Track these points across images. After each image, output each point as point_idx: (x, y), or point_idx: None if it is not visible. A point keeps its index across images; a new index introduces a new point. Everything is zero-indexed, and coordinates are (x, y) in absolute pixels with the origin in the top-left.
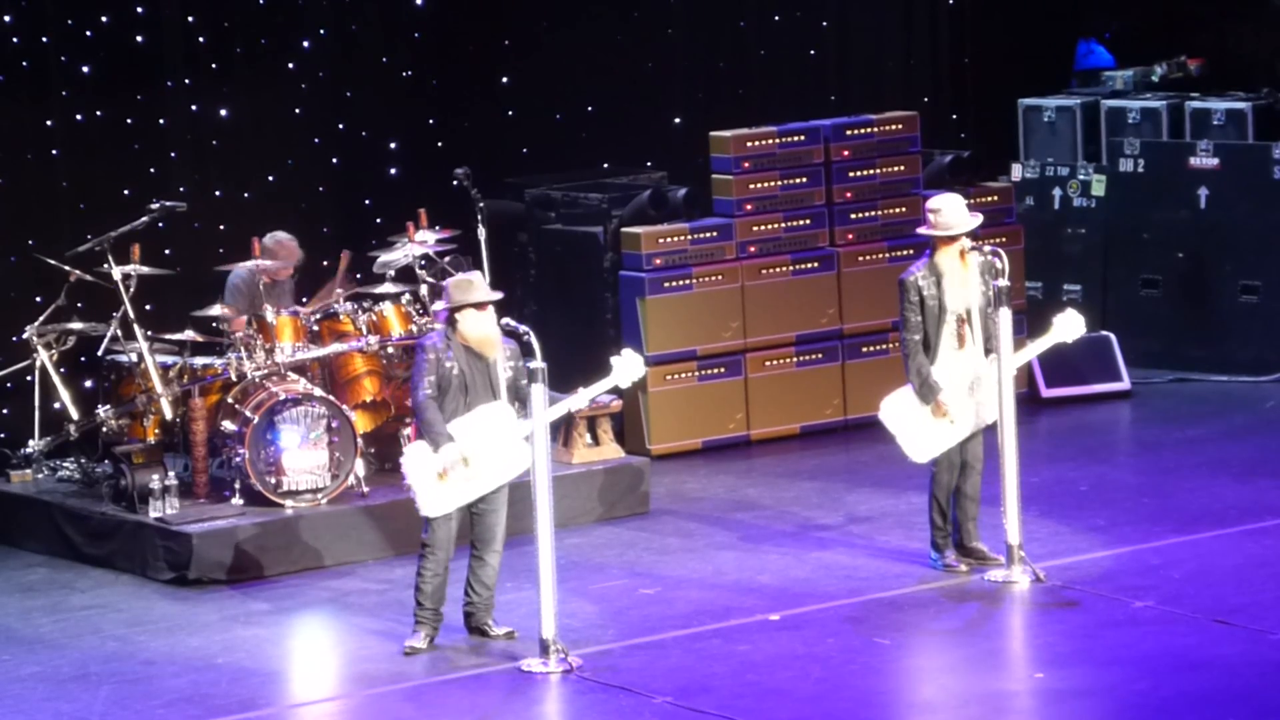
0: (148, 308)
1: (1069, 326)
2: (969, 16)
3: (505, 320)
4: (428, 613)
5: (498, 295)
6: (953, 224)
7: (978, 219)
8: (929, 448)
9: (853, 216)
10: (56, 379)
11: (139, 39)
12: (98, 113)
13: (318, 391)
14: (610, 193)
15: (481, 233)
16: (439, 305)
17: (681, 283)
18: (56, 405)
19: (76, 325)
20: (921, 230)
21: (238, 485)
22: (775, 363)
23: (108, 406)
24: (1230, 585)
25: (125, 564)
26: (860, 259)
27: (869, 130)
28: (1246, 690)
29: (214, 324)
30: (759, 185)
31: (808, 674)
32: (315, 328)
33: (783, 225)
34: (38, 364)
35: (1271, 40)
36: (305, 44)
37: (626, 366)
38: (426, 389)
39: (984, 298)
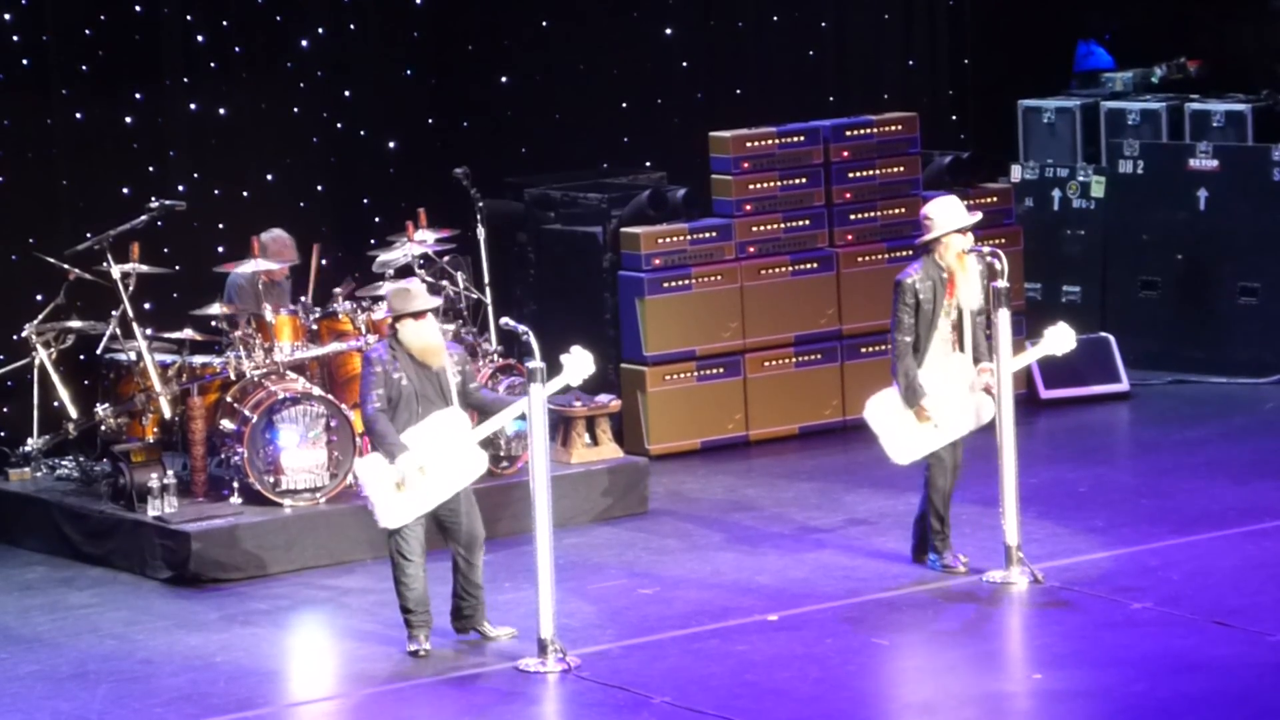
0: (147, 306)
1: (1059, 340)
2: (969, 17)
3: (504, 320)
4: (420, 616)
5: (436, 302)
6: (948, 222)
7: (976, 216)
8: (911, 450)
9: (852, 217)
10: (55, 377)
11: (138, 38)
12: (97, 111)
13: (316, 390)
14: (610, 193)
15: (481, 232)
16: (380, 314)
17: (680, 283)
18: (55, 404)
19: (75, 324)
20: (920, 241)
21: (236, 484)
22: (774, 363)
23: (106, 405)
24: (1228, 587)
25: (124, 562)
26: (859, 260)
27: (868, 131)
28: (1244, 691)
29: (213, 323)
30: (758, 186)
31: (806, 674)
32: (314, 327)
33: (782, 226)
34: (37, 362)
35: (1271, 42)
36: (304, 43)
37: (576, 364)
38: (375, 402)
39: (980, 303)
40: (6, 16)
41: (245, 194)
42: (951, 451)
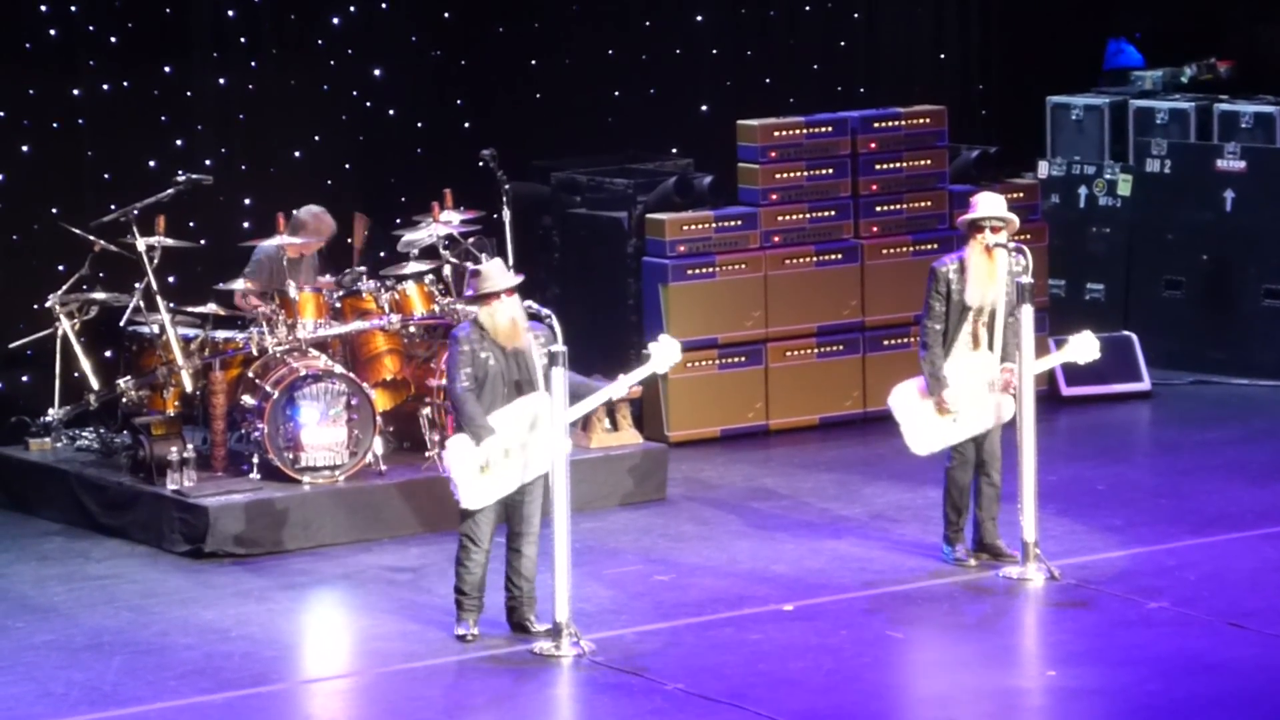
0: (170, 280)
1: (1083, 349)
2: (999, 12)
3: (528, 303)
4: (472, 600)
5: (510, 283)
6: (981, 211)
7: (1013, 219)
8: (931, 441)
9: (878, 209)
10: (78, 348)
11: (167, 10)
12: (124, 83)
13: (338, 368)
14: (636, 178)
15: (506, 215)
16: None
17: (704, 270)
18: (77, 375)
19: (99, 295)
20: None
21: (256, 460)
22: (796, 353)
23: (128, 377)
24: (1245, 588)
25: (141, 535)
26: (884, 252)
27: (896, 123)
28: (1259, 694)
29: (236, 298)
30: (785, 175)
31: (820, 665)
32: (337, 304)
33: (807, 216)
34: (59, 333)
35: None
36: (335, 21)
37: (664, 352)
38: (463, 381)
39: (1008, 300)
40: None
41: (272, 170)
42: (972, 446)
